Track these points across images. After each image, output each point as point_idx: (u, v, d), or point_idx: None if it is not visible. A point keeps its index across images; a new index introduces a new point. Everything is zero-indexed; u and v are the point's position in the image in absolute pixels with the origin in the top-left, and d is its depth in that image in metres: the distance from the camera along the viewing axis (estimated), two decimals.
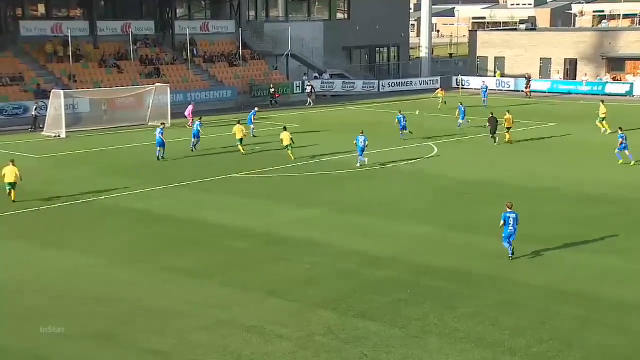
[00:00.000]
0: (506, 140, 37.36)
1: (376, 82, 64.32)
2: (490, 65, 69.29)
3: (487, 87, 53.06)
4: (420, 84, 65.10)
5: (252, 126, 40.72)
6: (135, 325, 15.74)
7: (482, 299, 17.11)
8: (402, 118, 39.03)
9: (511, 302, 16.98)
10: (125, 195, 27.09)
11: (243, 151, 34.85)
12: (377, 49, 73.09)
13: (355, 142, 32.16)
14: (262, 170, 31.42)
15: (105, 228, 22.87)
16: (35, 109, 43.27)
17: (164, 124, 36.95)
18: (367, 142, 32.19)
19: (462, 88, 57.96)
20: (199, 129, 35.83)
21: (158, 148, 33.69)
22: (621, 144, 31.68)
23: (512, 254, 19.70)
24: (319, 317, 16.09)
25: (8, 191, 25.78)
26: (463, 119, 41.63)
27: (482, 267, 19.15)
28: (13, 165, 26.18)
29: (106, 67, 52.62)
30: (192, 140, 35.85)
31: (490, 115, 38.20)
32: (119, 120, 44.23)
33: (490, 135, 37.15)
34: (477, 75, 66.87)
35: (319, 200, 26.33)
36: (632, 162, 31.61)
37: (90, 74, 51.31)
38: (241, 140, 34.90)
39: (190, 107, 43.28)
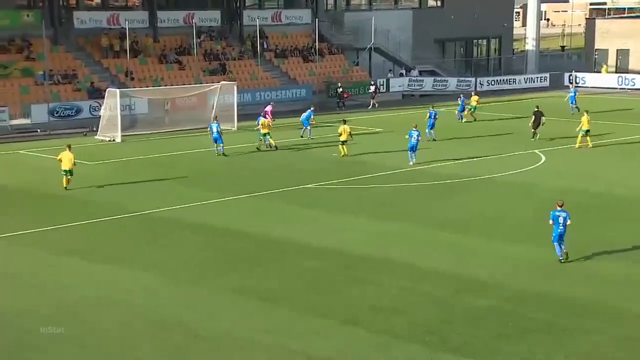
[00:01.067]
0: (579, 145, 37.20)
1: (473, 79, 63.81)
2: (611, 60, 67.57)
3: (576, 91, 51.20)
4: (526, 82, 64.15)
5: (308, 128, 41.26)
6: (195, 355, 16.00)
7: (597, 334, 16.71)
8: (433, 114, 40.21)
9: (632, 338, 16.52)
10: (188, 207, 27.57)
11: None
12: (475, 41, 72.56)
13: (407, 136, 34.12)
14: (340, 180, 31.68)
15: (165, 243, 23.38)
16: (104, 109, 44.50)
17: (217, 117, 39.10)
18: (420, 138, 34.08)
19: (575, 86, 56.81)
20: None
21: (215, 145, 36.47)
22: None
23: (562, 257, 20.91)
24: (405, 352, 16.00)
25: (64, 178, 29.39)
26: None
27: (597, 295, 18.73)
28: (69, 150, 29.86)
29: (166, 62, 53.95)
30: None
31: (536, 109, 40.11)
32: (179, 123, 45.18)
33: (532, 130, 39.56)
34: (595, 72, 65.35)
35: (405, 215, 26.34)
36: None
37: (149, 70, 52.69)
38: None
39: (269, 108, 43.58)
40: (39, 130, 43.94)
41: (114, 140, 41.53)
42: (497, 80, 64.47)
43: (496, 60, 73.11)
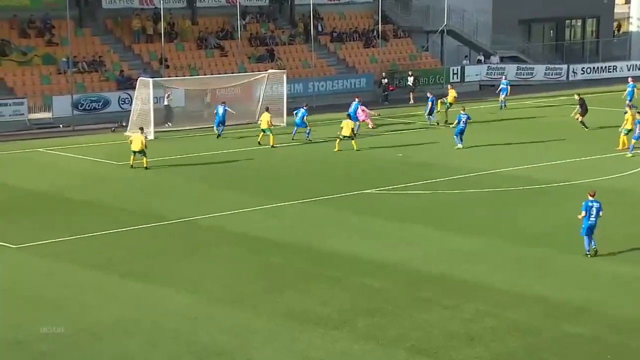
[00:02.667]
0: (620, 147, 37.53)
1: (564, 67, 63.09)
2: None
3: (634, 85, 50.17)
4: (629, 69, 63.18)
5: (357, 123, 41.34)
6: None
7: None
8: (433, 100, 43.61)
9: None
10: (230, 215, 27.79)
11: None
12: (568, 22, 71.59)
13: (456, 120, 37.83)
14: (403, 185, 31.70)
15: (203, 257, 23.58)
16: (168, 97, 45.02)
17: (224, 102, 42.14)
18: (469, 120, 37.91)
19: None
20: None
21: (217, 127, 40.72)
22: None
23: (590, 253, 22.48)
24: None
25: (132, 156, 34.51)
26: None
27: None
28: (141, 133, 35.52)
29: (206, 48, 54.43)
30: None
31: (579, 98, 43.37)
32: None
33: (581, 120, 42.68)
34: None
35: (479, 226, 26.28)
36: None
37: (186, 57, 53.22)
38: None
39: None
40: (61, 125, 44.70)
41: (146, 137, 41.59)
42: (593, 68, 63.66)
43: (593, 44, 72.02)
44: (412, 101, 53.00)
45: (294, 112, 41.41)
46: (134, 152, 34.70)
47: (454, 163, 35.37)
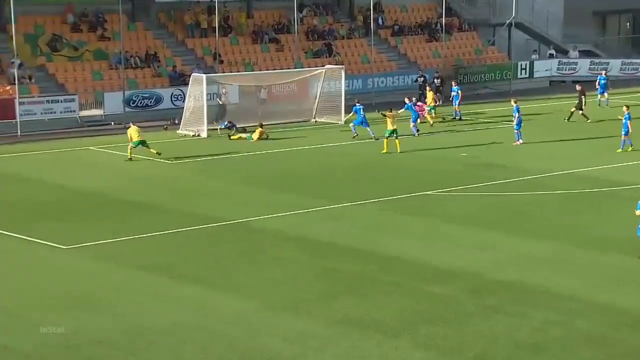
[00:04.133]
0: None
1: None
2: None
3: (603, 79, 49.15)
4: None
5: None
6: None
7: None
8: (411, 106, 41.82)
9: None
10: (288, 216, 28.05)
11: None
12: None
13: (515, 113, 39.26)
14: (468, 187, 31.74)
15: (262, 260, 23.76)
16: (225, 94, 45.58)
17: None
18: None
19: None
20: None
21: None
22: None
23: None
24: None
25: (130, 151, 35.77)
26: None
27: None
28: (132, 124, 36.52)
29: (262, 42, 54.82)
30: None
31: (578, 85, 45.55)
32: (275, 115, 45.91)
33: (580, 112, 44.74)
34: None
35: (551, 230, 26.13)
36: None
37: (241, 51, 53.68)
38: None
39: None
40: (112, 123, 45.42)
41: (199, 135, 42.46)
42: None
43: None
44: (438, 102, 50.12)
45: (353, 110, 41.49)
46: (136, 145, 36.04)
47: (522, 163, 35.27)
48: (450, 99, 47.28)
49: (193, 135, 42.67)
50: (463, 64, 57.40)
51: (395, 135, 37.46)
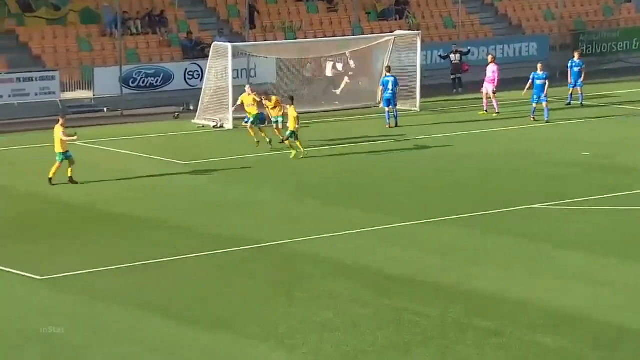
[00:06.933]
0: None
1: None
2: None
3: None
4: None
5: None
6: None
7: None
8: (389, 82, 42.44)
9: None
10: (336, 237, 28.09)
11: None
12: None
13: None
14: (585, 198, 31.72)
15: (305, 296, 23.65)
16: (335, 67, 46.22)
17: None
18: None
19: None
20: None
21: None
22: None
23: None
24: None
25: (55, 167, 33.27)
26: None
27: None
28: (62, 121, 33.84)
29: (308, 0, 54.65)
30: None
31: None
32: (326, 99, 46.23)
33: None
34: None
35: None
36: None
37: (280, 12, 53.68)
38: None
39: (493, 70, 44.08)
40: (105, 109, 45.59)
41: (221, 126, 42.57)
42: None
43: None
44: (456, 89, 50.70)
45: (381, 83, 42.37)
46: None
47: None
48: (568, 77, 46.78)
49: (214, 127, 42.92)
50: (586, 28, 56.93)
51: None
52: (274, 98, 38.40)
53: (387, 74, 42.47)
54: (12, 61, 46.70)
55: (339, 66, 47.83)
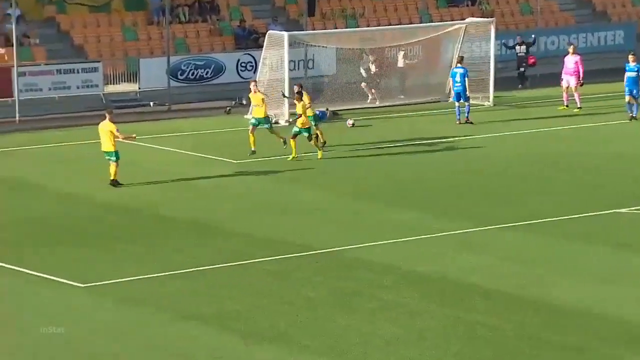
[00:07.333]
0: None
1: None
2: None
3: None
4: None
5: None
6: None
7: None
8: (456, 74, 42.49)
9: None
10: (404, 244, 28.06)
11: None
12: None
13: None
14: None
15: (368, 308, 23.45)
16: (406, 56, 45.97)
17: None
18: None
19: None
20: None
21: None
22: None
23: None
24: None
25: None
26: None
27: None
28: (109, 117, 33.51)
29: None
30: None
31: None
32: (391, 93, 46.04)
33: None
34: None
35: None
36: None
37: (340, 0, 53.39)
38: None
39: (575, 61, 43.76)
40: (151, 103, 45.68)
41: (277, 122, 42.20)
42: None
43: None
44: (521, 85, 50.42)
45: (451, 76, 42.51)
46: (113, 155, 33.27)
47: None
48: None
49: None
50: None
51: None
52: (306, 96, 37.36)
53: (458, 65, 41.98)
54: (52, 52, 46.90)
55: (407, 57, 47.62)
